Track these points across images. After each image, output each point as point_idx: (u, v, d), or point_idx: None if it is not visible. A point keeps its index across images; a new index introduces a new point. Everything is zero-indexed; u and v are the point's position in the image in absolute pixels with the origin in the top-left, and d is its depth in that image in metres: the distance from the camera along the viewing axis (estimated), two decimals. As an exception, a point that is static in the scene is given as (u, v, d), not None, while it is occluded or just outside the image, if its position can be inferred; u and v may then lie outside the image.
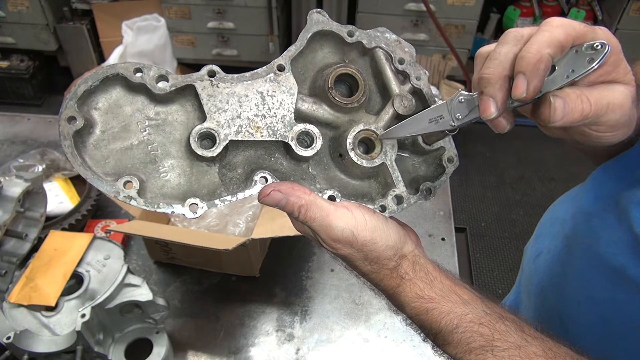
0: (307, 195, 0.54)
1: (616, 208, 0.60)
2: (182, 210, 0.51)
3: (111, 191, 0.50)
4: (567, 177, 3.04)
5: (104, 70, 0.51)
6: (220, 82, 0.54)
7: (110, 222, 1.24)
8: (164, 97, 0.53)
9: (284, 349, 1.02)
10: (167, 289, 1.13)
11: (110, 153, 0.52)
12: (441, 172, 0.61)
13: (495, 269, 2.56)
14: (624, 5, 3.07)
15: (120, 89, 0.53)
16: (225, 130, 0.53)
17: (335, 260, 1.19)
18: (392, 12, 3.11)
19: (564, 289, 0.64)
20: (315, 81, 0.58)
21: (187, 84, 0.53)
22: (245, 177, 0.55)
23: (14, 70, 3.36)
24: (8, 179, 0.92)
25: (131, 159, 0.52)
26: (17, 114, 1.66)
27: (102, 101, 0.52)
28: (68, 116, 0.49)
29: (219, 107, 0.53)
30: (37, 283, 0.86)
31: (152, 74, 0.52)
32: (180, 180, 0.53)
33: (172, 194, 0.53)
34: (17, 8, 3.17)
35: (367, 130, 0.57)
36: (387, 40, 0.59)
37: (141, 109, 0.53)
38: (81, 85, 0.51)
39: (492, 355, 0.51)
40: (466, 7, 3.07)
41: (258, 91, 0.54)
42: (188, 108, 0.55)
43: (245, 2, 3.05)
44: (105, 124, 0.52)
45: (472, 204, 2.91)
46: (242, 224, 1.14)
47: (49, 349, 0.80)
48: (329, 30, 0.58)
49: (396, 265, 0.58)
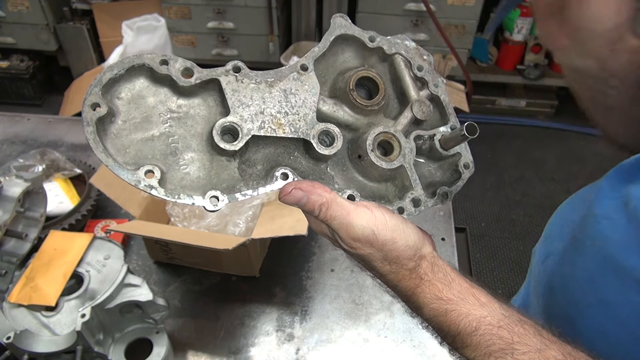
0: (327, 194, 0.54)
1: (626, 209, 0.59)
2: (203, 203, 0.51)
3: (132, 179, 0.49)
4: (567, 177, 3.04)
5: (130, 59, 0.51)
6: (245, 77, 0.54)
7: (110, 222, 1.24)
8: (187, 90, 0.53)
9: (284, 349, 1.02)
10: (167, 289, 1.13)
11: (131, 143, 0.51)
12: (457, 177, 0.62)
13: (495, 269, 2.56)
14: (624, 5, 3.07)
15: (145, 79, 0.53)
16: (248, 125, 0.53)
17: (336, 262, 1.19)
18: (392, 12, 3.11)
19: (574, 291, 0.63)
20: (336, 83, 0.59)
21: (212, 77, 0.53)
22: (264, 173, 0.55)
23: (14, 70, 3.36)
24: (8, 179, 0.92)
25: (151, 150, 0.52)
26: (17, 114, 1.66)
27: (126, 91, 0.52)
28: (92, 102, 0.49)
29: (243, 102, 0.53)
30: (37, 283, 0.86)
31: (178, 66, 0.52)
32: (200, 174, 0.53)
33: (191, 186, 0.52)
34: (17, 8, 3.17)
35: (387, 132, 0.57)
36: (406, 48, 0.61)
37: (164, 101, 0.53)
38: (107, 72, 0.51)
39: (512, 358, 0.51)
40: (466, 7, 3.07)
41: (281, 89, 0.55)
42: (210, 103, 0.55)
43: (245, 2, 3.05)
44: (127, 114, 0.52)
45: (472, 204, 2.91)
46: (242, 224, 1.14)
47: (49, 349, 0.80)
48: (351, 34, 0.59)
49: (415, 266, 0.58)
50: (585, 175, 0.78)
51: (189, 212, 1.18)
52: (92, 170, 1.33)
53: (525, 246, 2.67)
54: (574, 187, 0.75)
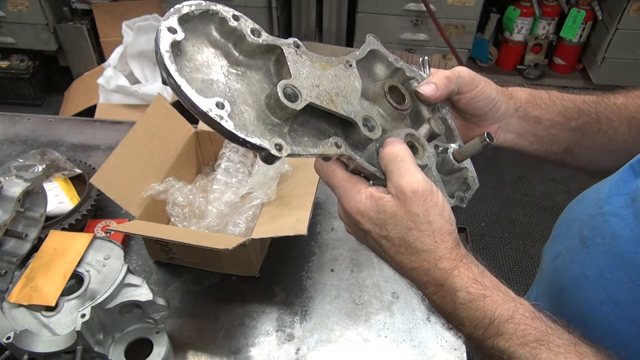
0: None
1: (633, 205, 0.59)
2: (268, 146, 0.51)
3: (204, 105, 0.48)
4: (567, 177, 3.04)
5: (207, 4, 0.53)
6: (303, 54, 0.57)
7: (110, 222, 1.24)
8: (250, 50, 0.55)
9: (284, 349, 1.02)
10: (167, 289, 1.13)
11: (193, 80, 0.52)
12: (467, 188, 0.69)
13: (495, 269, 2.54)
14: (624, 5, 3.07)
15: (214, 28, 0.54)
16: (306, 91, 0.55)
17: (336, 262, 1.19)
18: (392, 12, 3.12)
19: (584, 290, 0.63)
20: (368, 89, 0.64)
21: (276, 44, 0.56)
22: (312, 144, 0.57)
23: (14, 70, 3.36)
24: (8, 179, 0.92)
25: (213, 92, 0.52)
26: (17, 114, 1.66)
27: (195, 32, 0.53)
28: (169, 26, 0.50)
29: (302, 73, 0.56)
30: (37, 283, 0.86)
31: (248, 24, 0.55)
32: (257, 127, 0.53)
33: (253, 132, 0.52)
34: (17, 8, 3.17)
35: (414, 135, 0.62)
36: (421, 76, 0.69)
37: (226, 55, 0.55)
38: (184, 6, 0.52)
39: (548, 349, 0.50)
40: (466, 7, 3.07)
41: (332, 73, 0.59)
42: (269, 68, 0.57)
43: (245, 2, 3.05)
44: (192, 55, 0.53)
45: (472, 204, 2.88)
46: (242, 224, 1.14)
47: (49, 349, 0.80)
48: (380, 51, 0.67)
49: (454, 245, 0.56)
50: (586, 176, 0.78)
51: (189, 212, 1.18)
52: (92, 170, 1.33)
53: (525, 246, 2.67)
54: (574, 187, 0.75)
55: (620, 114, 0.73)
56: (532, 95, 0.74)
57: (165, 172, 1.19)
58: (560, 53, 3.57)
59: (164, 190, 1.15)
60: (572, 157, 0.77)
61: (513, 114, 0.73)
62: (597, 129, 0.74)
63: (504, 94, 0.72)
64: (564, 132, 0.74)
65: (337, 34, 3.29)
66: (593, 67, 3.47)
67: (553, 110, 0.74)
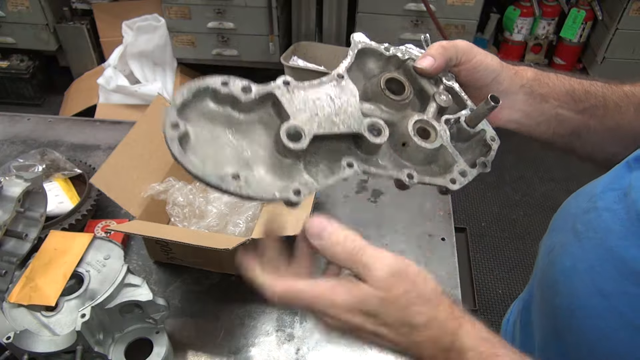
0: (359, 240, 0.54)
1: (625, 200, 0.60)
2: (289, 195, 0.55)
3: (222, 185, 0.53)
4: (567, 177, 3.04)
5: (195, 84, 0.57)
6: (295, 88, 0.60)
7: (110, 222, 1.24)
8: (247, 105, 0.59)
9: (284, 349, 1.02)
10: (167, 289, 1.13)
11: (207, 156, 0.55)
12: (487, 150, 0.68)
13: (495, 269, 2.56)
14: (624, 5, 3.07)
15: (209, 99, 0.58)
16: (308, 126, 0.58)
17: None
18: (392, 12, 3.11)
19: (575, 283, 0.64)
20: (366, 89, 0.66)
21: (268, 92, 0.59)
22: (328, 169, 0.60)
23: (14, 70, 3.36)
24: (8, 179, 0.92)
25: (227, 162, 0.56)
26: (17, 114, 1.66)
27: (194, 112, 0.57)
28: (171, 123, 0.53)
29: (299, 108, 0.59)
30: (37, 283, 0.86)
31: (238, 84, 0.58)
32: (274, 177, 0.58)
33: (271, 187, 0.57)
34: (17, 8, 3.17)
35: (421, 120, 0.64)
36: (416, 54, 0.70)
37: (228, 120, 0.59)
38: (178, 97, 0.56)
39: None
40: (466, 7, 3.06)
41: (327, 94, 0.61)
42: (269, 114, 0.61)
43: (245, 2, 3.05)
44: (199, 133, 0.57)
45: (472, 204, 2.91)
46: (242, 224, 1.14)
47: (49, 349, 0.80)
48: (369, 47, 0.68)
49: (450, 301, 0.54)
50: (586, 175, 0.78)
51: (189, 212, 1.18)
52: (92, 170, 1.33)
53: (525, 246, 2.67)
54: (574, 187, 0.75)
55: (627, 99, 0.73)
56: (539, 74, 0.73)
57: (165, 172, 1.19)
58: (560, 53, 3.57)
59: (164, 190, 1.15)
60: (579, 142, 0.76)
61: (518, 90, 0.72)
62: (604, 112, 0.73)
63: (508, 69, 0.71)
64: (572, 113, 0.73)
65: (337, 34, 3.29)
66: (593, 67, 3.47)
67: (560, 89, 0.73)
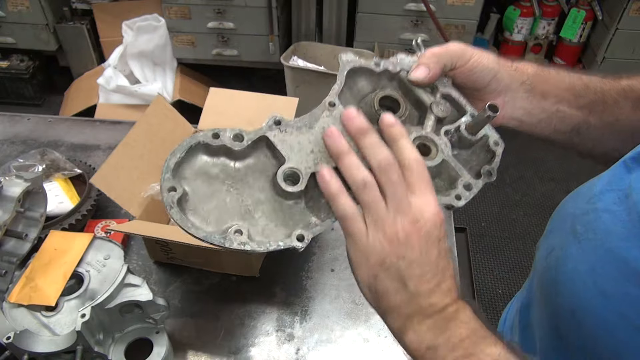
0: None
1: (626, 201, 0.60)
2: (292, 243, 0.56)
3: (226, 243, 0.54)
4: (567, 177, 3.04)
5: (187, 142, 0.57)
6: (287, 127, 0.60)
7: (110, 222, 1.24)
8: (241, 153, 0.59)
9: (284, 349, 1.02)
10: (167, 289, 1.13)
11: (208, 213, 0.56)
12: (492, 156, 0.67)
13: (495, 269, 2.56)
14: (624, 5, 3.07)
15: (202, 154, 0.59)
16: (304, 165, 0.58)
17: (336, 262, 1.19)
18: (392, 12, 3.11)
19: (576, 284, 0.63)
20: (360, 109, 0.64)
21: (260, 135, 0.59)
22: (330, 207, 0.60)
23: (14, 70, 3.36)
24: (8, 179, 0.91)
25: (229, 214, 0.57)
26: (17, 114, 1.66)
27: (190, 169, 0.58)
28: (168, 187, 0.54)
29: (293, 148, 0.59)
30: (37, 283, 0.86)
31: (229, 134, 0.58)
32: (277, 222, 0.58)
33: (274, 234, 0.58)
34: (17, 8, 3.17)
35: (420, 136, 0.62)
36: (408, 64, 0.67)
37: (224, 169, 0.59)
38: (171, 158, 0.56)
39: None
40: (466, 7, 3.06)
41: (320, 127, 0.61)
42: (263, 158, 0.61)
43: (245, 2, 3.05)
44: (197, 189, 0.57)
45: (472, 204, 2.88)
46: (242, 224, 1.14)
47: (49, 349, 0.80)
48: (358, 66, 0.66)
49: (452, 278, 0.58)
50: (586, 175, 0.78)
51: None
52: (92, 170, 1.33)
53: (525, 246, 2.67)
54: (574, 187, 0.75)
55: (625, 94, 0.73)
56: (539, 69, 0.73)
57: (165, 172, 1.19)
58: (561, 53, 3.57)
59: (164, 190, 1.15)
60: (579, 138, 0.76)
61: (519, 87, 0.72)
62: (603, 108, 0.73)
63: (507, 67, 0.71)
64: (572, 109, 0.74)
65: (337, 34, 3.29)
66: (593, 67, 3.47)
67: (561, 85, 0.73)
